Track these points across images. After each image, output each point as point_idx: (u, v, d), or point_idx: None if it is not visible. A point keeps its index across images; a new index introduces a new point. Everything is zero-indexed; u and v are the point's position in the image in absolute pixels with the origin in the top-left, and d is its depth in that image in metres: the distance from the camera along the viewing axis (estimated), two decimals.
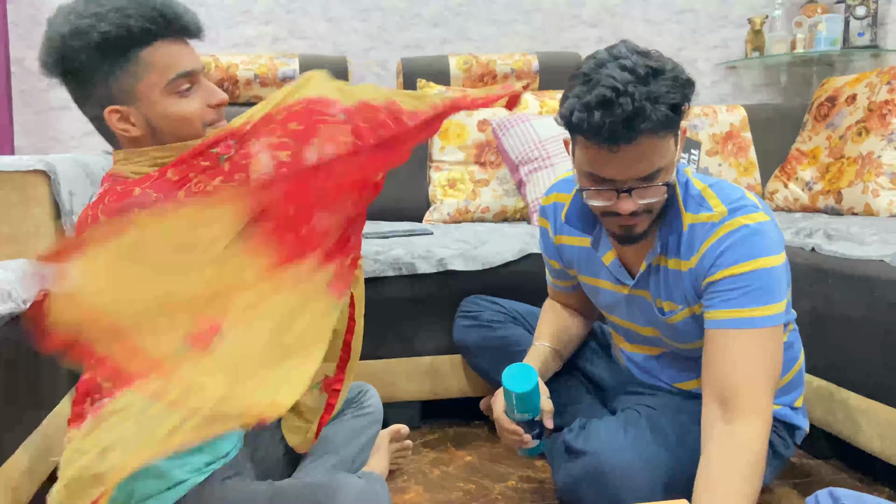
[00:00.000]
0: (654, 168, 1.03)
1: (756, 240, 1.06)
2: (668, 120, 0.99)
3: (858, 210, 2.08)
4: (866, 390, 1.34)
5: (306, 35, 2.64)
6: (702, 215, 1.11)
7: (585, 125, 0.99)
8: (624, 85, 0.97)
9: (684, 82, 1.01)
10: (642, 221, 1.10)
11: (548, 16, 2.78)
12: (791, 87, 2.99)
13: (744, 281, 1.05)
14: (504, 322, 1.58)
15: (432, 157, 2.32)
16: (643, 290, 1.21)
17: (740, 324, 1.05)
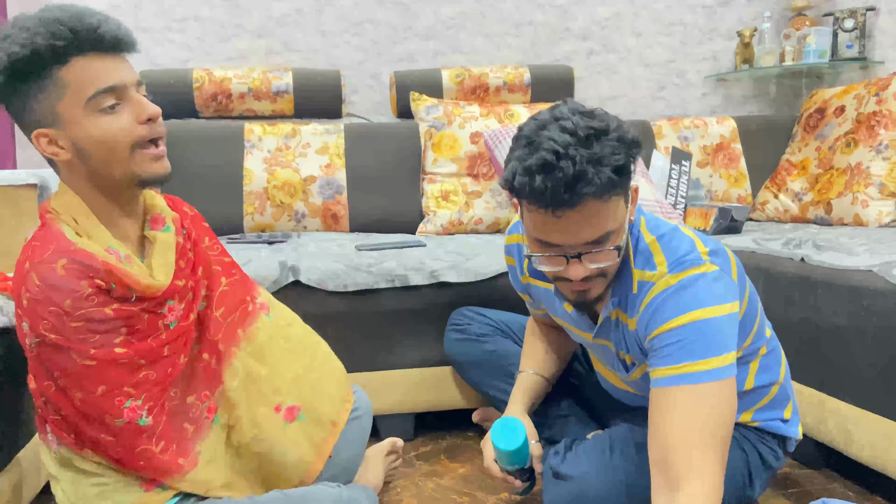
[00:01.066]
0: (601, 232, 0.99)
1: (690, 292, 1.00)
2: (611, 182, 0.94)
3: (848, 220, 2.09)
4: (857, 399, 1.35)
5: (300, 48, 2.66)
6: (646, 273, 1.07)
7: (527, 190, 0.95)
8: (565, 148, 0.93)
9: (630, 142, 0.97)
10: (596, 286, 1.06)
11: (539, 29, 2.80)
12: (780, 98, 3.02)
13: (678, 335, 0.98)
14: (492, 335, 1.58)
15: (425, 169, 2.33)
16: (605, 340, 1.18)
17: (678, 381, 0.97)
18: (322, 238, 2.06)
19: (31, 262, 0.91)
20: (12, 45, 0.88)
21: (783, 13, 2.92)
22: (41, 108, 0.91)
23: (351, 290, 1.65)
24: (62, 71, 0.90)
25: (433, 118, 2.34)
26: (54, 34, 0.88)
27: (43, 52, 0.88)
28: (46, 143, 0.93)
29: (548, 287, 1.24)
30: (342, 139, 2.33)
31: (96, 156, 0.93)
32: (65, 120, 0.92)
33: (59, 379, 0.92)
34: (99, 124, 0.92)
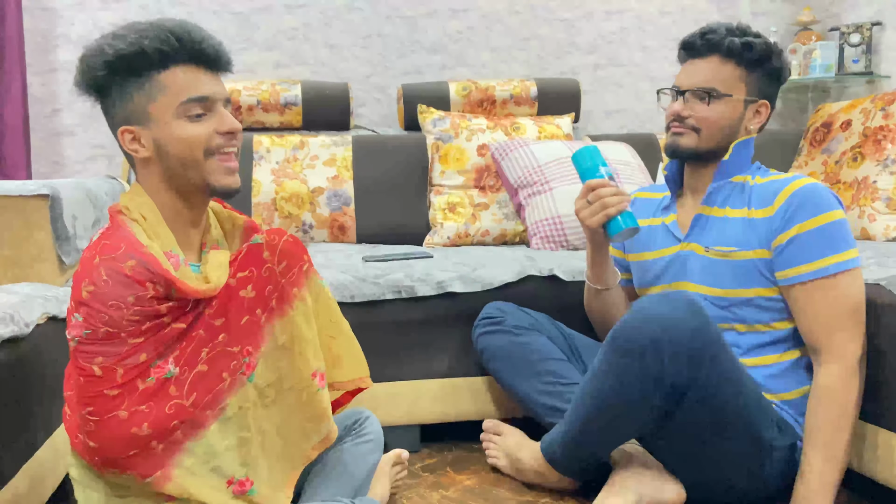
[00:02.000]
0: (709, 84, 1.30)
1: (827, 194, 1.23)
2: (732, 50, 1.29)
3: (856, 234, 2.09)
4: (865, 414, 1.34)
5: (308, 61, 2.68)
6: (770, 177, 1.32)
7: (681, 43, 1.37)
8: (719, 23, 1.33)
9: (770, 47, 1.30)
10: (688, 135, 1.33)
11: (545, 43, 2.82)
12: (786, 112, 3.03)
13: (823, 232, 1.20)
14: (529, 329, 1.57)
15: (432, 180, 2.34)
16: (694, 244, 1.37)
17: (822, 273, 1.20)
18: (329, 249, 2.07)
19: (100, 257, 0.95)
20: (122, 42, 0.96)
21: (789, 28, 2.94)
22: (133, 106, 0.99)
23: (358, 301, 1.65)
24: (162, 75, 0.98)
25: (440, 130, 2.35)
26: (162, 40, 0.97)
27: (150, 53, 0.97)
28: (130, 139, 1.01)
29: (646, 223, 1.49)
30: (350, 151, 2.34)
31: (174, 157, 1.00)
32: (153, 120, 0.99)
33: (102, 364, 0.94)
34: (183, 128, 0.99)
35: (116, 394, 0.95)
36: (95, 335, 0.94)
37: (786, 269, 1.23)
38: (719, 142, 1.33)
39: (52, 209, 1.56)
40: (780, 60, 1.33)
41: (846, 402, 1.19)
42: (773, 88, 1.36)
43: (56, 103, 2.54)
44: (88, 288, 0.94)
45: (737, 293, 1.30)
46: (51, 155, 2.56)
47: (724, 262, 1.30)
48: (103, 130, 2.57)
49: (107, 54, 0.97)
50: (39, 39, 2.50)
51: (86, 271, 0.96)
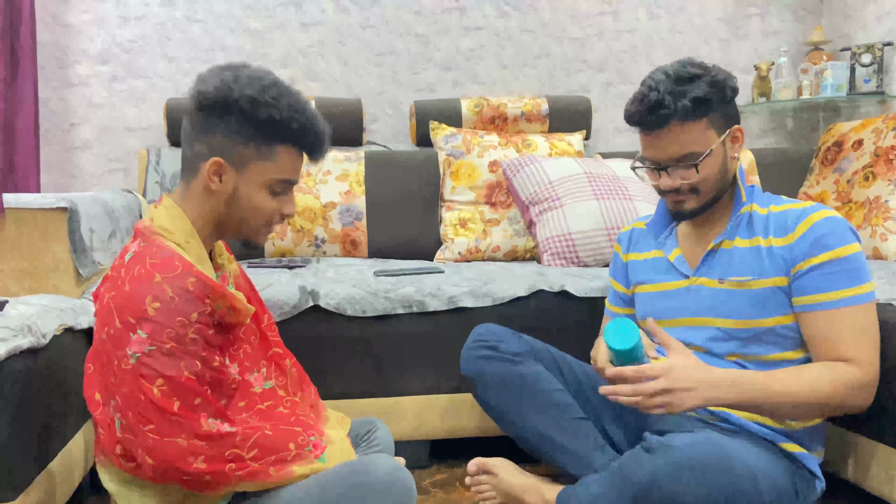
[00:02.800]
0: (685, 151, 1.24)
1: (846, 227, 1.22)
2: (686, 110, 1.22)
3: (867, 254, 2.09)
4: (877, 433, 1.34)
5: (322, 78, 2.72)
6: (786, 205, 1.29)
7: (627, 115, 1.29)
8: (656, 84, 1.24)
9: (718, 83, 1.24)
10: (690, 200, 1.29)
11: (557, 60, 2.84)
12: (797, 131, 3.03)
13: (844, 263, 1.19)
14: (527, 356, 1.47)
15: (444, 196, 2.36)
16: (703, 278, 1.33)
17: (846, 302, 1.18)
18: (341, 263, 2.08)
19: (161, 275, 0.99)
20: (279, 112, 1.05)
21: (800, 48, 2.95)
22: (240, 150, 1.06)
23: (369, 315, 1.66)
24: (281, 148, 1.08)
25: (452, 147, 2.37)
26: (303, 128, 1.07)
27: (291, 133, 1.07)
28: (214, 170, 1.06)
29: (645, 257, 1.45)
30: (362, 166, 2.36)
31: (240, 212, 1.09)
32: (247, 172, 1.07)
33: (162, 386, 0.97)
34: (262, 198, 1.09)
35: (174, 420, 0.97)
36: (160, 350, 0.97)
37: (805, 295, 1.22)
38: (720, 187, 1.30)
39: (70, 222, 1.58)
40: (729, 86, 1.26)
41: (835, 392, 1.15)
42: (734, 110, 1.31)
43: (73, 117, 2.58)
44: (154, 304, 0.97)
45: (756, 323, 1.26)
46: (67, 168, 2.59)
47: (741, 293, 1.27)
48: (120, 144, 2.61)
49: (259, 113, 1.04)
50: (58, 54, 2.55)
51: (146, 288, 0.98)
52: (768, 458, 1.18)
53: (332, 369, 1.66)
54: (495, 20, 2.80)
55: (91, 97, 2.58)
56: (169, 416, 0.96)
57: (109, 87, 2.59)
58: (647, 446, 1.14)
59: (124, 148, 2.61)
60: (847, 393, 1.16)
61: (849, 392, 1.16)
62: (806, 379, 1.16)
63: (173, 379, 0.97)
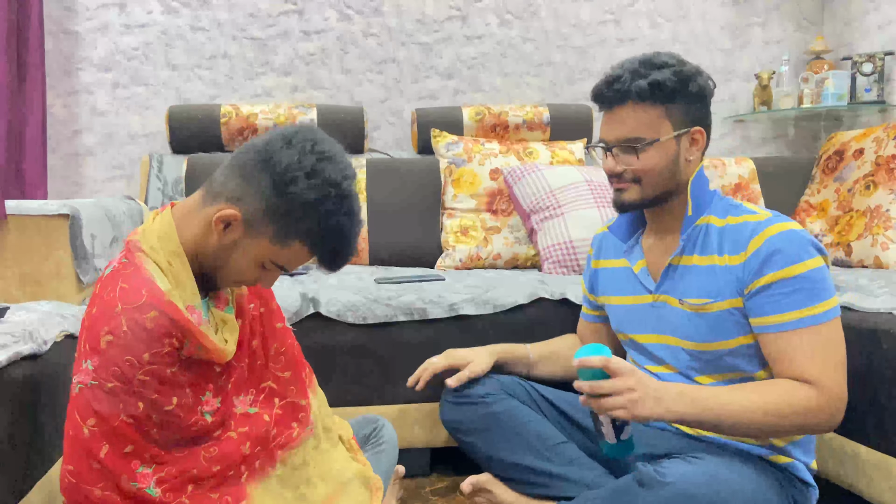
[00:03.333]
0: (633, 134, 1.21)
1: (805, 240, 1.15)
2: (643, 92, 1.19)
3: (868, 263, 2.09)
4: (877, 443, 1.33)
5: (324, 86, 2.73)
6: (743, 217, 1.21)
7: (592, 92, 1.26)
8: (623, 64, 1.23)
9: (683, 75, 1.20)
10: (630, 189, 1.25)
11: (558, 69, 2.85)
12: (798, 140, 3.04)
13: (801, 281, 1.12)
14: (498, 394, 1.45)
15: (445, 203, 2.36)
16: (666, 295, 1.28)
17: (804, 323, 1.12)
18: (342, 271, 2.08)
19: (122, 305, 0.94)
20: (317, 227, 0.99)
21: (801, 57, 2.96)
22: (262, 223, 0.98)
23: (370, 322, 1.66)
24: (298, 243, 1.00)
25: (453, 154, 2.37)
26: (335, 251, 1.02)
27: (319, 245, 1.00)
28: (224, 218, 0.98)
29: (613, 265, 1.41)
30: (364, 174, 2.37)
31: (223, 262, 1.02)
32: (253, 240, 1.00)
33: (93, 427, 0.92)
34: (251, 267, 1.02)
35: (96, 468, 0.92)
36: (101, 387, 0.92)
37: (762, 316, 1.15)
38: (664, 185, 1.24)
39: (72, 228, 1.59)
40: (697, 83, 1.22)
41: (792, 413, 1.10)
42: (701, 111, 1.25)
43: (77, 125, 2.60)
44: (107, 338, 0.92)
45: (719, 346, 1.22)
46: (71, 175, 2.60)
47: (699, 316, 1.22)
48: (123, 151, 2.62)
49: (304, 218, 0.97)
50: (62, 61, 2.56)
51: (105, 317, 0.93)
52: (761, 480, 1.14)
53: (332, 377, 1.66)
54: (497, 29, 2.81)
55: (94, 104, 2.60)
56: (92, 461, 0.92)
57: (113, 94, 2.60)
58: (640, 479, 1.11)
59: (127, 155, 2.62)
60: (805, 416, 1.10)
61: (807, 415, 1.10)
62: (765, 399, 1.11)
63: (107, 420, 0.91)
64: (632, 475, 1.15)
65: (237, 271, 1.02)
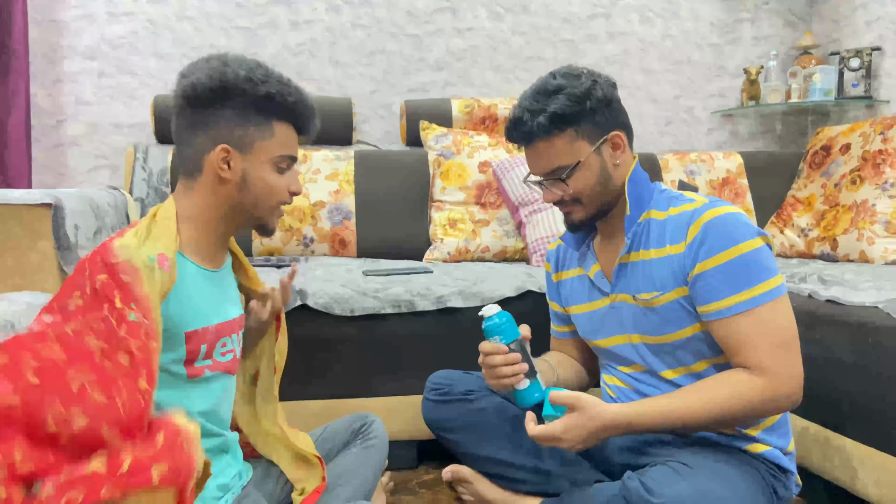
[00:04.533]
0: (553, 165, 1.23)
1: (742, 222, 1.15)
2: (542, 127, 1.20)
3: (854, 257, 2.10)
4: (862, 436, 1.34)
5: (313, 77, 2.71)
6: (683, 206, 1.21)
7: (505, 130, 1.28)
8: (522, 100, 1.24)
9: (577, 97, 1.19)
10: (576, 210, 1.27)
11: (549, 64, 2.85)
12: (786, 135, 3.05)
13: (738, 263, 1.12)
14: (480, 391, 1.45)
15: (433, 196, 2.35)
16: (622, 294, 1.28)
17: (745, 306, 1.11)
18: (330, 263, 2.08)
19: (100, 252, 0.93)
20: (273, 87, 1.06)
21: (789, 52, 2.97)
22: (244, 134, 1.06)
23: (358, 314, 1.66)
24: (278, 125, 1.08)
25: (442, 147, 2.37)
26: (297, 101, 1.09)
27: (288, 108, 1.08)
28: (223, 158, 1.05)
29: (576, 273, 1.40)
30: (352, 166, 2.36)
31: (254, 194, 1.08)
32: (254, 154, 1.07)
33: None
34: (273, 176, 1.09)
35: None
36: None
37: (703, 304, 1.16)
38: (604, 197, 1.25)
39: (55, 219, 1.57)
40: (595, 96, 1.20)
41: (738, 405, 1.10)
42: (610, 115, 1.23)
43: (61, 114, 2.56)
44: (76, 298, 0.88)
45: (674, 337, 1.22)
46: (54, 165, 2.57)
47: (650, 310, 1.23)
48: (108, 141, 2.59)
49: (258, 89, 1.04)
50: (46, 50, 2.53)
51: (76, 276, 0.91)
52: (748, 487, 1.14)
53: (320, 369, 1.66)
54: (487, 22, 2.80)
55: (79, 94, 2.57)
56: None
57: (98, 83, 2.57)
58: (627, 496, 1.11)
59: (112, 145, 2.59)
60: (754, 403, 1.10)
61: (755, 402, 1.10)
62: (707, 397, 1.11)
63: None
64: (619, 489, 1.14)
65: (270, 189, 1.08)
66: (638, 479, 1.12)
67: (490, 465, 1.43)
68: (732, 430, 1.22)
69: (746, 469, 1.17)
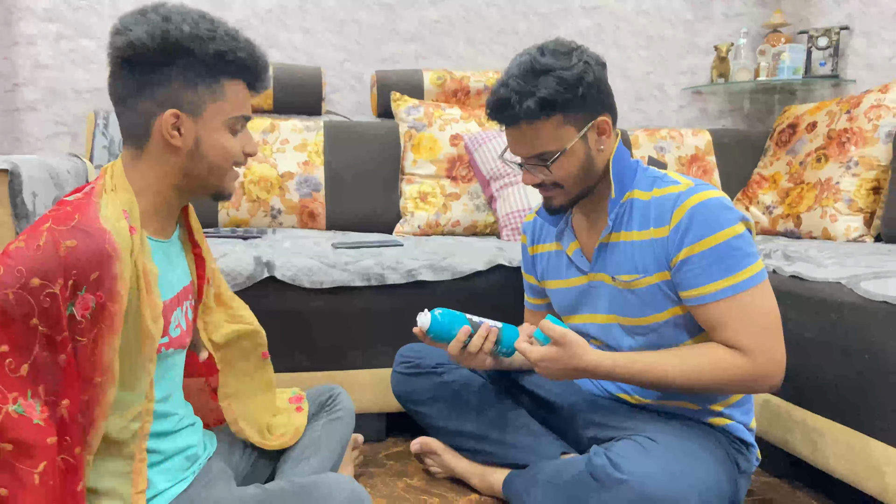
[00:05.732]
0: (537, 150, 1.19)
1: (726, 208, 1.14)
2: (530, 111, 1.14)
3: (817, 234, 2.14)
4: (824, 410, 1.37)
5: (281, 45, 2.64)
6: (668, 188, 1.19)
7: (487, 106, 1.21)
8: (508, 78, 1.17)
9: (568, 81, 1.14)
10: (556, 195, 1.24)
11: (523, 38, 2.82)
12: (754, 113, 3.08)
13: (722, 249, 1.12)
14: (449, 364, 1.46)
15: (404, 169, 2.33)
16: (601, 273, 1.27)
17: (729, 292, 1.12)
18: (298, 235, 2.05)
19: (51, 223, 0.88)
20: (222, 44, 0.97)
21: (760, 30, 2.98)
22: (191, 96, 0.97)
23: (327, 286, 1.64)
24: (228, 83, 1.00)
25: (413, 119, 2.34)
26: (248, 56, 1.00)
27: (239, 65, 0.99)
28: (173, 123, 0.96)
29: (549, 249, 1.39)
30: (321, 136, 2.32)
31: (209, 159, 1.00)
32: (205, 118, 0.99)
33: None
34: (227, 139, 1.01)
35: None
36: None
37: (687, 290, 1.16)
38: (585, 182, 1.23)
39: (12, 186, 1.51)
40: (585, 81, 1.15)
41: (718, 380, 1.12)
42: (598, 97, 1.19)
43: (17, 78, 2.47)
44: (17, 244, 0.85)
45: (652, 319, 1.22)
46: (11, 131, 2.48)
47: (630, 292, 1.22)
48: (67, 107, 2.50)
49: (206, 46, 0.95)
50: (2, 12, 2.42)
51: (28, 230, 0.87)
52: (712, 459, 1.16)
53: (288, 342, 1.64)
54: None
55: (37, 57, 2.47)
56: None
57: (56, 46, 2.48)
58: (594, 473, 1.11)
59: (71, 111, 2.51)
60: (732, 379, 1.12)
61: (734, 379, 1.12)
62: (689, 363, 1.13)
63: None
64: (584, 464, 1.16)
65: (224, 152, 1.01)
66: (604, 455, 1.13)
67: (458, 438, 1.45)
68: (698, 406, 1.24)
69: (710, 442, 1.19)
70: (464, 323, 1.23)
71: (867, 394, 1.27)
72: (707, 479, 1.12)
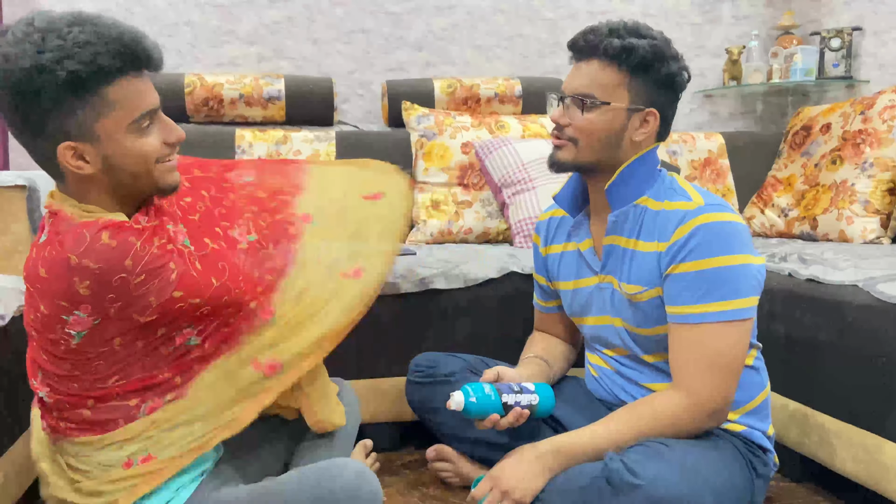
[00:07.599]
0: (587, 90, 1.19)
1: (734, 234, 1.12)
2: (612, 51, 1.17)
3: (833, 237, 2.12)
4: (840, 413, 1.36)
5: (291, 56, 2.66)
6: (678, 203, 1.18)
7: (569, 41, 1.25)
8: (608, 22, 1.21)
9: (659, 52, 1.18)
10: (566, 148, 1.24)
11: (529, 42, 2.83)
12: (767, 115, 3.06)
13: (713, 275, 1.11)
14: (462, 373, 1.46)
15: (416, 178, 2.33)
16: (609, 276, 1.27)
17: (694, 319, 1.12)
18: None
19: (75, 254, 0.89)
20: (73, 61, 0.85)
21: (770, 32, 2.97)
22: (77, 123, 0.89)
23: None
24: (109, 89, 0.90)
25: (424, 127, 2.34)
26: (117, 54, 0.89)
27: (106, 71, 0.88)
28: (72, 155, 0.91)
29: (562, 250, 1.39)
30: (333, 147, 2.33)
31: (128, 170, 0.95)
32: (101, 136, 0.91)
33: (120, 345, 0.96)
34: (136, 142, 0.94)
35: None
36: (107, 318, 0.93)
37: (667, 305, 1.17)
38: (600, 154, 1.22)
39: (30, 200, 1.53)
40: (670, 66, 1.19)
41: (663, 427, 1.14)
42: (663, 96, 1.21)
43: None
44: (84, 284, 0.89)
45: (653, 331, 1.23)
46: None
47: (633, 303, 1.23)
48: None
49: (57, 75, 0.85)
50: None
51: (67, 273, 0.89)
52: (727, 463, 1.15)
53: None
54: (468, 0, 2.77)
55: None
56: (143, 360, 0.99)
57: None
58: (609, 478, 1.09)
59: None
60: (677, 422, 1.14)
61: (679, 421, 1.14)
62: (633, 423, 1.15)
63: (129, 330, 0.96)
64: (599, 469, 1.14)
65: (138, 160, 0.94)
66: (620, 460, 1.13)
67: (472, 446, 1.45)
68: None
69: (726, 446, 1.19)
70: (496, 407, 1.23)
71: (884, 397, 1.26)
72: (722, 483, 1.11)
